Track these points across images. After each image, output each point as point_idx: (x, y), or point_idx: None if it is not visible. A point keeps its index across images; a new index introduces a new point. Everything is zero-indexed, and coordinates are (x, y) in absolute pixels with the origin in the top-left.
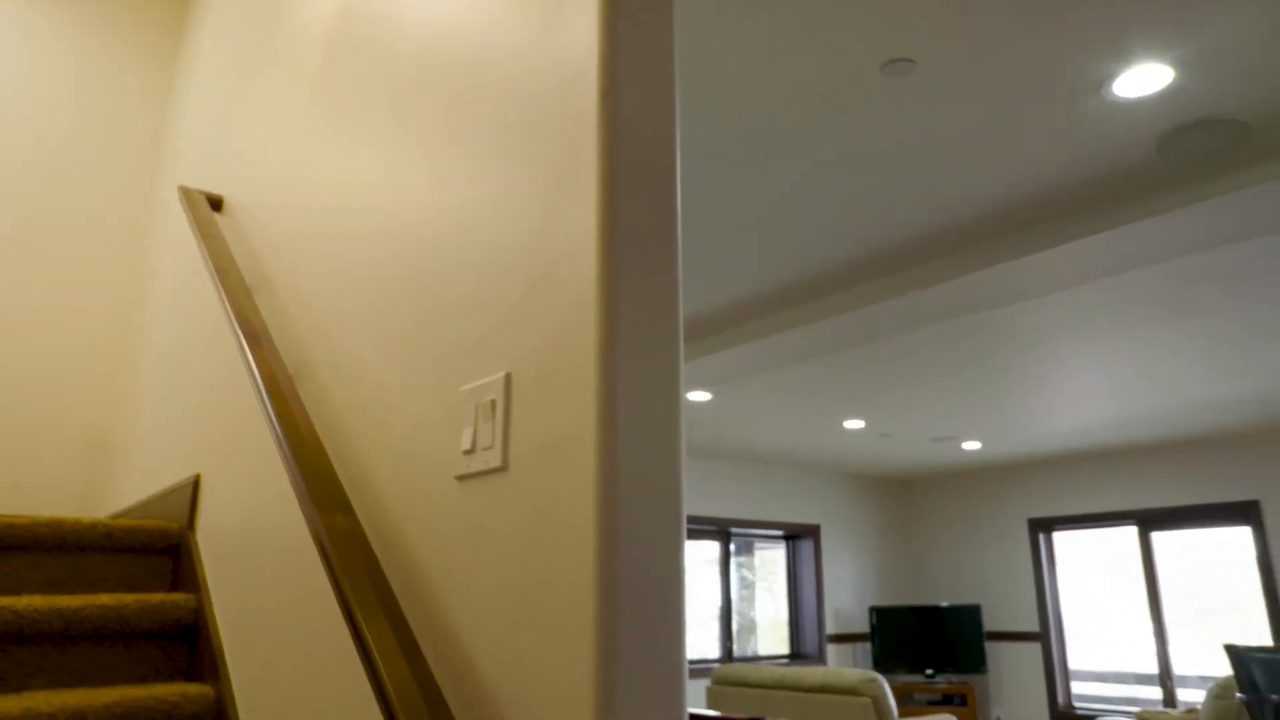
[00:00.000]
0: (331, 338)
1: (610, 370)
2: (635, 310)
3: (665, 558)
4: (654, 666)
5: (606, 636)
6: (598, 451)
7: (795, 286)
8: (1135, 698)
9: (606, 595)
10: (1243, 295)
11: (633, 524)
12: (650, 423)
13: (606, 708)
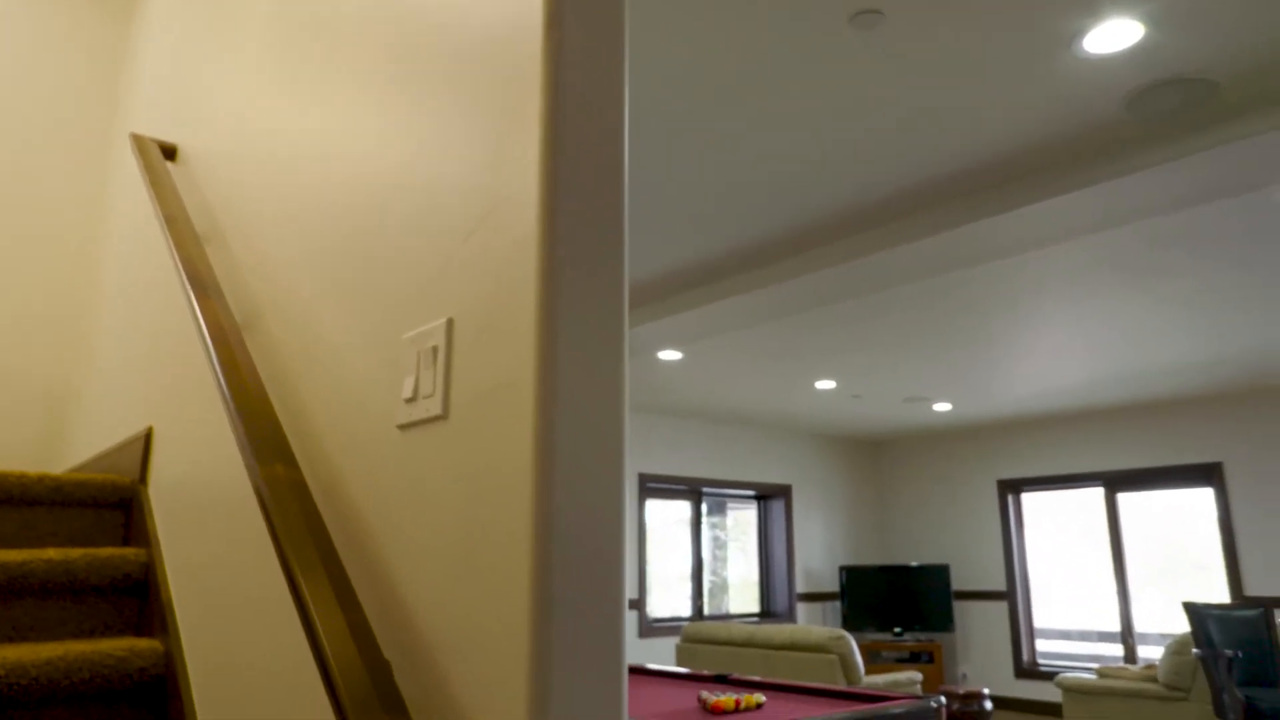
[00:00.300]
0: (280, 287)
1: (550, 315)
2: (578, 254)
3: (604, 508)
4: (591, 617)
5: (541, 587)
6: (536, 399)
7: (765, 245)
8: (1098, 654)
9: (542, 545)
10: (1209, 258)
11: (571, 473)
12: (592, 370)
13: (541, 658)
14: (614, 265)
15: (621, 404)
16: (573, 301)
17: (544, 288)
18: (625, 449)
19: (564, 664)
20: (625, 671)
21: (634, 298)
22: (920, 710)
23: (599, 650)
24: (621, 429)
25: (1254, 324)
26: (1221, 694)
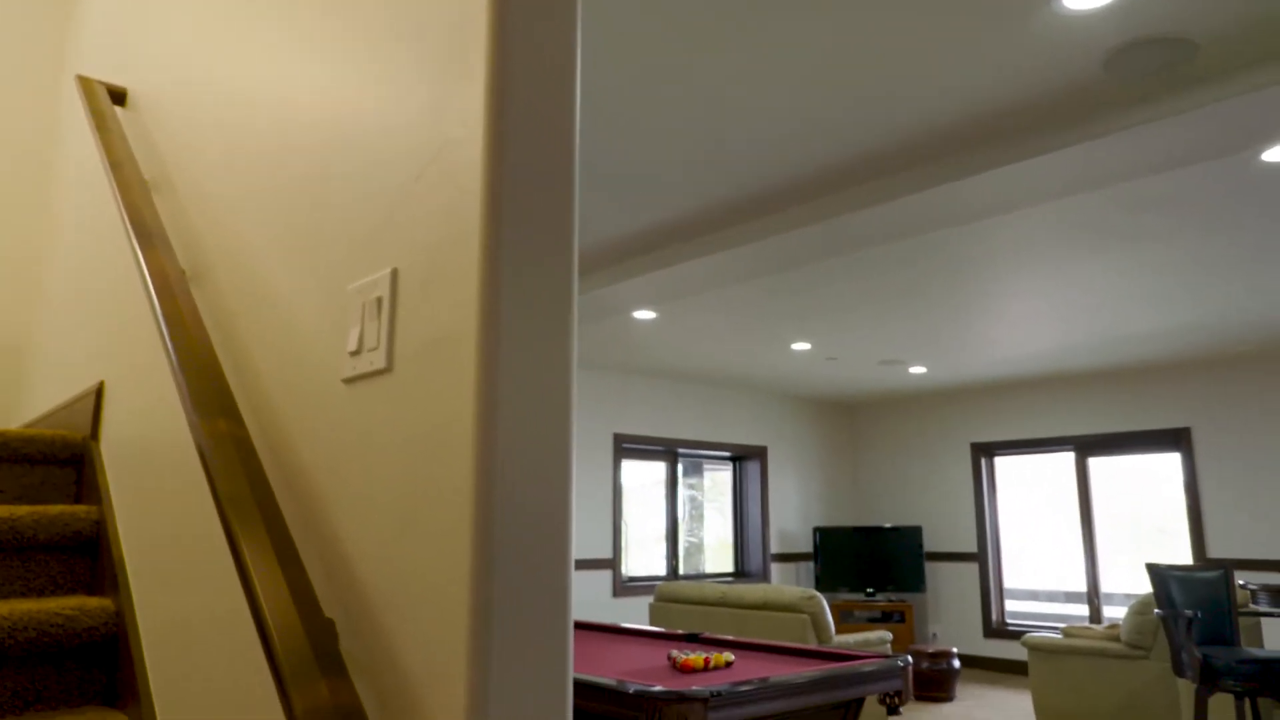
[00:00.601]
0: (229, 237)
1: (493, 266)
2: (524, 203)
3: (550, 464)
4: (536, 574)
5: (482, 544)
6: (478, 353)
7: (739, 204)
8: (1064, 614)
9: (483, 502)
10: (1184, 224)
11: (515, 429)
12: (538, 323)
13: (482, 616)
14: (563, 216)
15: (569, 359)
16: (518, 252)
17: (487, 237)
18: (573, 404)
19: (506, 622)
20: (570, 629)
21: (607, 255)
22: (887, 669)
23: (543, 607)
24: (569, 384)
25: (1226, 291)
26: (1180, 652)
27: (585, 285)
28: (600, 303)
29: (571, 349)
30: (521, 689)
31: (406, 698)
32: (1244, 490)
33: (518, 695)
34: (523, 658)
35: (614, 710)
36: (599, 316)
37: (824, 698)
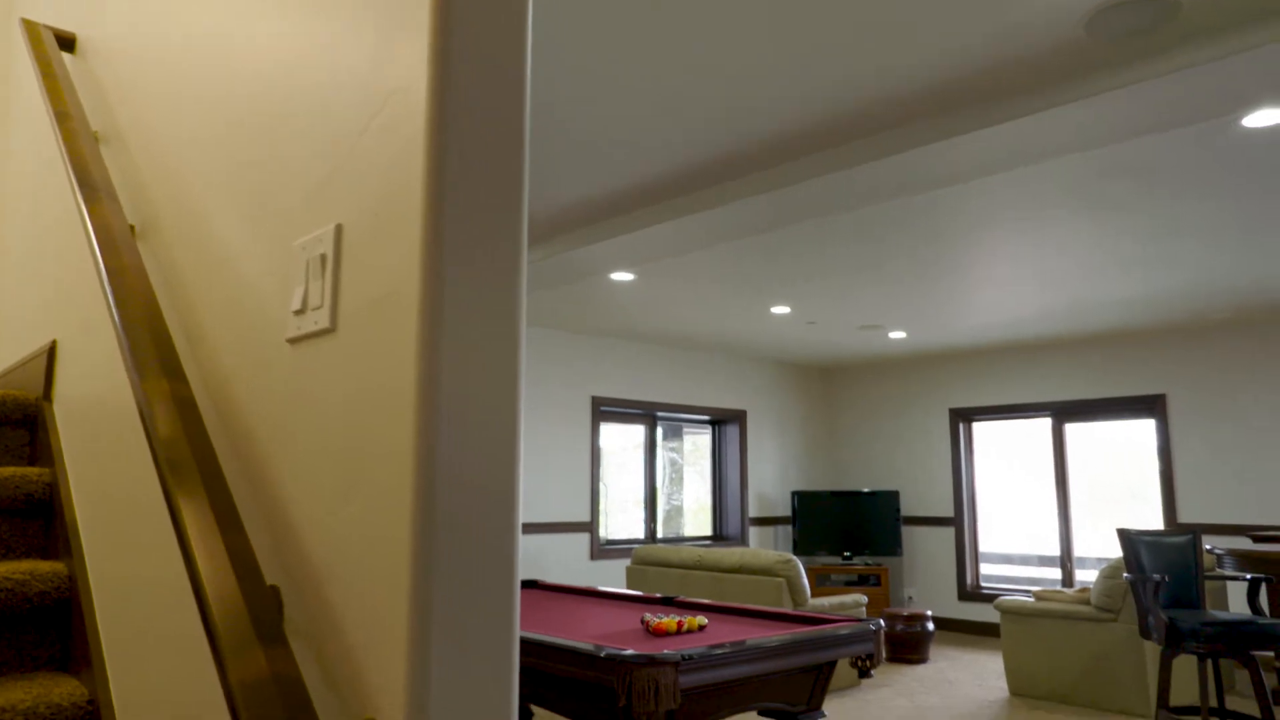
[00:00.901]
0: (178, 191)
1: (437, 220)
2: (471, 156)
3: (495, 425)
4: (480, 539)
5: (423, 511)
6: (420, 310)
7: (713, 164)
8: (1038, 578)
9: (424, 466)
10: (1163, 190)
11: (459, 390)
12: (484, 281)
13: (422, 585)
14: (512, 171)
15: (517, 318)
16: (463, 207)
17: (430, 192)
18: (521, 364)
19: (448, 589)
20: (515, 594)
21: (581, 216)
22: (859, 633)
23: (487, 573)
24: (516, 344)
25: (1204, 257)
26: (1147, 616)
27: (560, 246)
28: (576, 264)
29: (519, 308)
30: (464, 658)
31: (349, 667)
32: (1215, 456)
33: (460, 664)
34: (465, 626)
35: (586, 674)
36: (575, 278)
37: (795, 661)
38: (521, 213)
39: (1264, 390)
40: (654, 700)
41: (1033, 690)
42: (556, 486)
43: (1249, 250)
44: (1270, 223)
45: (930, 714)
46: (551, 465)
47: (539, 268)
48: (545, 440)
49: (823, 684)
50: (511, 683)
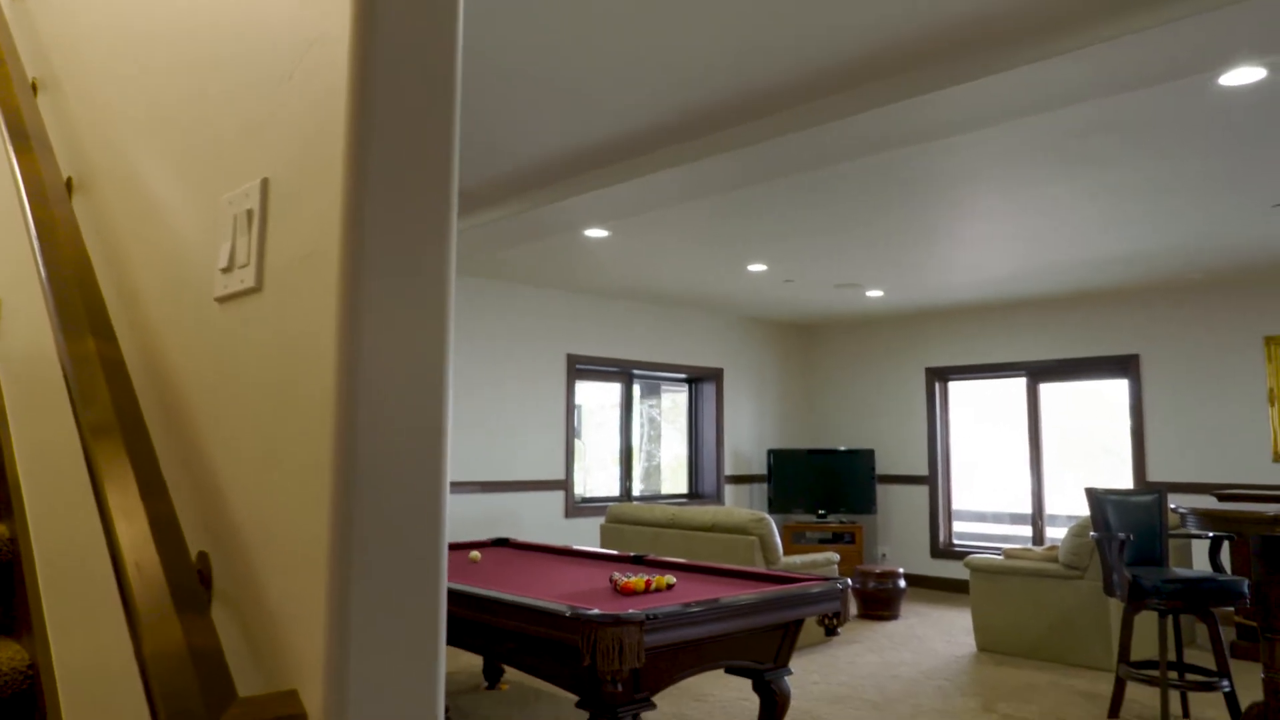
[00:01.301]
0: (112, 142)
1: (359, 173)
2: (397, 102)
3: (423, 387)
4: (404, 502)
5: (343, 477)
6: (340, 268)
7: (691, 119)
8: (1010, 535)
9: (344, 432)
10: (1138, 148)
11: (382, 354)
12: (410, 236)
13: (340, 548)
14: (441, 123)
15: (445, 278)
16: (387, 162)
17: (352, 143)
18: (449, 326)
19: (368, 553)
20: (442, 562)
21: (553, 171)
22: (825, 592)
23: (411, 540)
24: (445, 303)
25: (1181, 217)
26: (1112, 573)
27: (531, 202)
28: (549, 220)
29: (448, 265)
30: (387, 629)
31: (274, 636)
32: (1185, 416)
33: (383, 635)
34: (388, 594)
35: (553, 633)
36: (548, 234)
37: (761, 620)
38: (451, 169)
39: (1234, 352)
40: (618, 659)
41: (1000, 646)
42: (531, 444)
43: (1224, 211)
44: (1245, 183)
45: (899, 669)
46: (526, 423)
47: (511, 223)
48: (520, 398)
49: (790, 642)
50: (437, 654)
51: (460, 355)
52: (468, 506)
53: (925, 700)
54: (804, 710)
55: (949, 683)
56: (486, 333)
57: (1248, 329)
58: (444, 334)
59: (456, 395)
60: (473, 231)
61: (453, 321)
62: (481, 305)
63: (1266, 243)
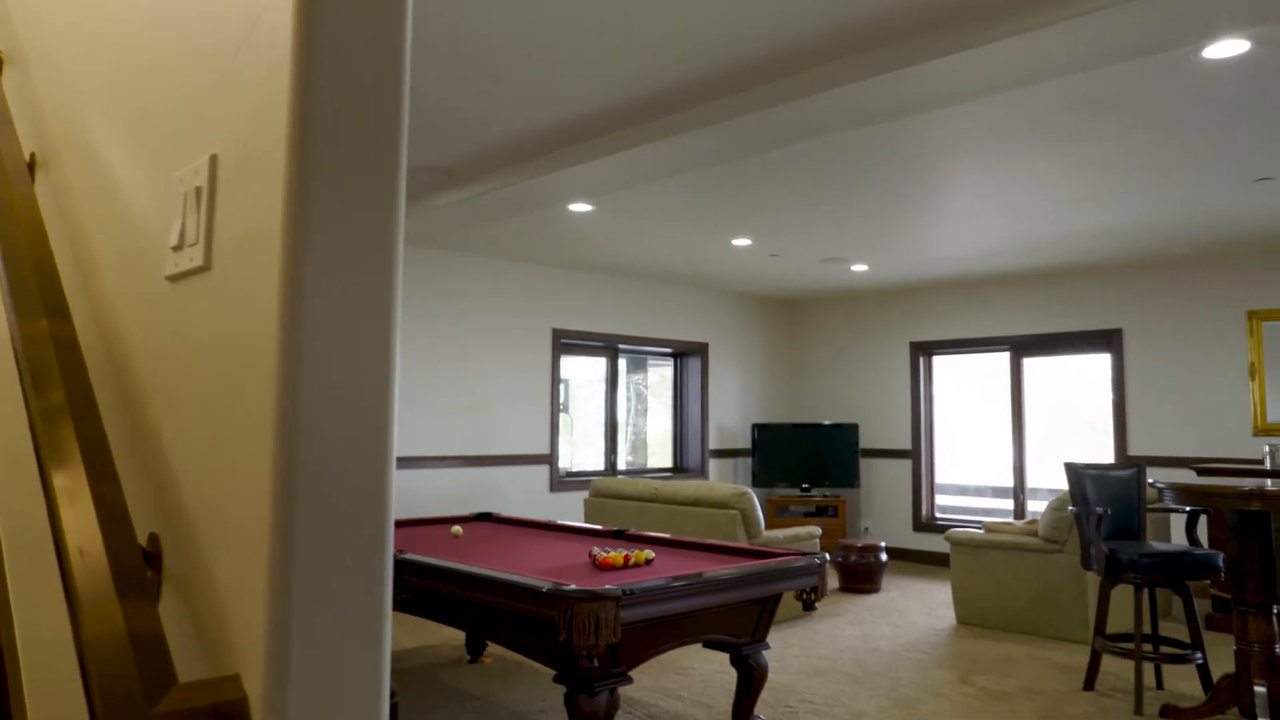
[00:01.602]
0: (73, 117)
1: (302, 151)
2: (343, 79)
3: (368, 368)
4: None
5: (285, 462)
6: (283, 246)
7: (668, 92)
8: (992, 509)
9: (286, 415)
10: (1121, 122)
11: (327, 334)
12: (357, 215)
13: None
14: (389, 94)
15: (393, 255)
16: (332, 138)
17: (295, 120)
18: (396, 308)
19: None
20: (387, 548)
21: (535, 146)
22: (803, 567)
23: (355, 525)
24: (392, 284)
25: (1163, 192)
26: (1089, 547)
27: (514, 176)
28: (530, 194)
29: (396, 244)
30: (330, 614)
31: (220, 621)
32: (1166, 391)
33: (325, 614)
34: (330, 575)
35: (531, 609)
36: (530, 209)
37: (738, 595)
38: (399, 145)
39: (1217, 326)
40: (594, 634)
41: (979, 619)
42: (516, 418)
43: (1207, 185)
44: (1228, 157)
45: (878, 642)
46: (511, 397)
47: (492, 198)
48: (505, 372)
49: (767, 617)
50: (381, 640)
51: (446, 330)
52: (452, 480)
53: (903, 673)
54: (783, 683)
55: (928, 656)
56: (472, 308)
57: (1230, 303)
58: (391, 315)
59: (442, 369)
60: (455, 207)
61: (400, 302)
62: (467, 280)
63: (1250, 217)
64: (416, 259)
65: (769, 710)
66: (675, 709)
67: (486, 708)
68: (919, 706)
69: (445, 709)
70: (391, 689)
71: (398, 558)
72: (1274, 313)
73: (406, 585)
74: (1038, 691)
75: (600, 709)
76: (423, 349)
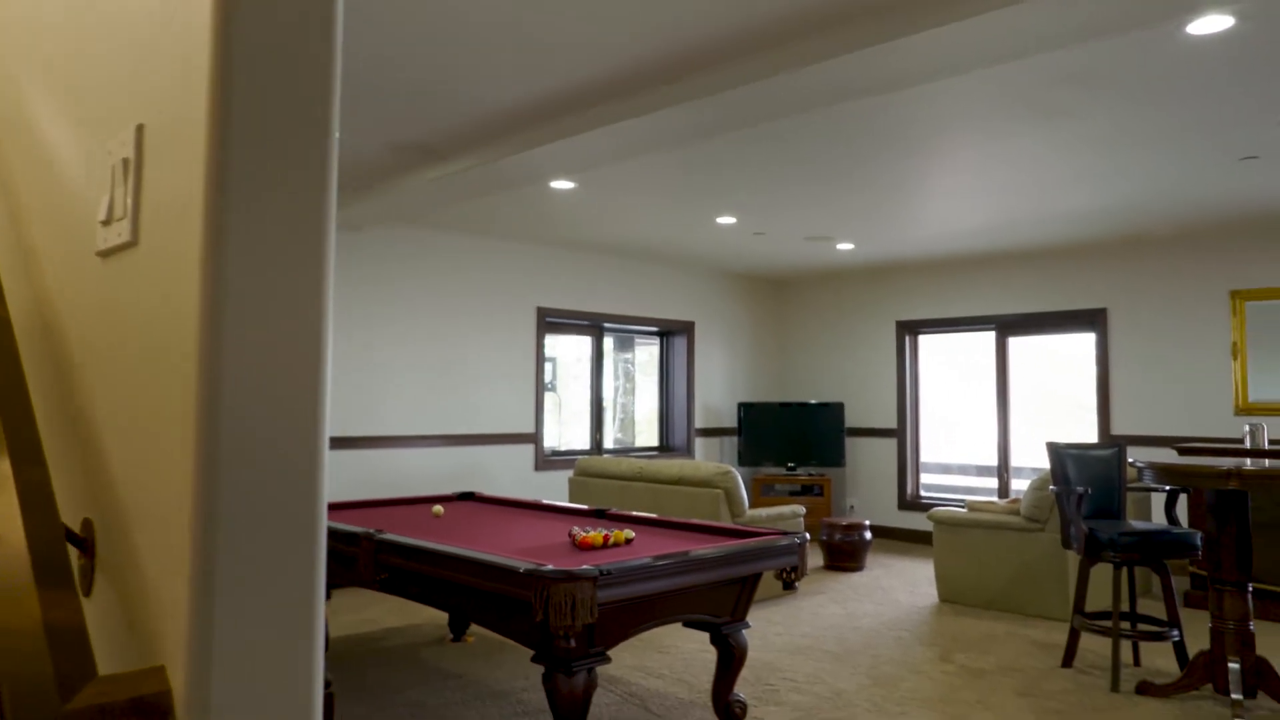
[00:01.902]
0: (14, 87)
1: (223, 120)
2: (265, 45)
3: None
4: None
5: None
6: (204, 220)
7: (649, 67)
8: (976, 487)
9: (208, 396)
10: (1106, 99)
11: (252, 312)
12: (283, 181)
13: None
14: (318, 55)
15: (324, 226)
16: (256, 100)
17: (216, 87)
18: (328, 282)
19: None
20: (320, 531)
21: (515, 122)
22: (782, 547)
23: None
24: (323, 254)
25: (1149, 171)
26: (1069, 526)
27: (494, 153)
28: (511, 171)
29: (326, 214)
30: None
31: (148, 607)
32: (1149, 370)
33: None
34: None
35: (507, 589)
36: (512, 185)
37: (717, 575)
38: (330, 114)
39: (1201, 305)
40: (571, 615)
41: (961, 597)
42: (501, 397)
43: (1192, 164)
44: (1213, 135)
45: (861, 620)
46: (496, 376)
47: (473, 175)
48: (489, 351)
49: (747, 596)
50: (313, 630)
51: (429, 308)
52: (436, 460)
53: (884, 651)
54: (764, 662)
55: (909, 633)
56: (455, 286)
57: (1214, 283)
58: (322, 290)
59: (425, 348)
60: (435, 184)
61: (332, 279)
62: (449, 258)
63: (1234, 196)
64: (397, 237)
65: (750, 689)
66: (656, 687)
67: (468, 686)
68: (899, 684)
69: (427, 687)
70: (326, 679)
71: (375, 537)
72: (1257, 292)
73: (384, 565)
74: (1016, 669)
75: (579, 688)
76: (406, 328)
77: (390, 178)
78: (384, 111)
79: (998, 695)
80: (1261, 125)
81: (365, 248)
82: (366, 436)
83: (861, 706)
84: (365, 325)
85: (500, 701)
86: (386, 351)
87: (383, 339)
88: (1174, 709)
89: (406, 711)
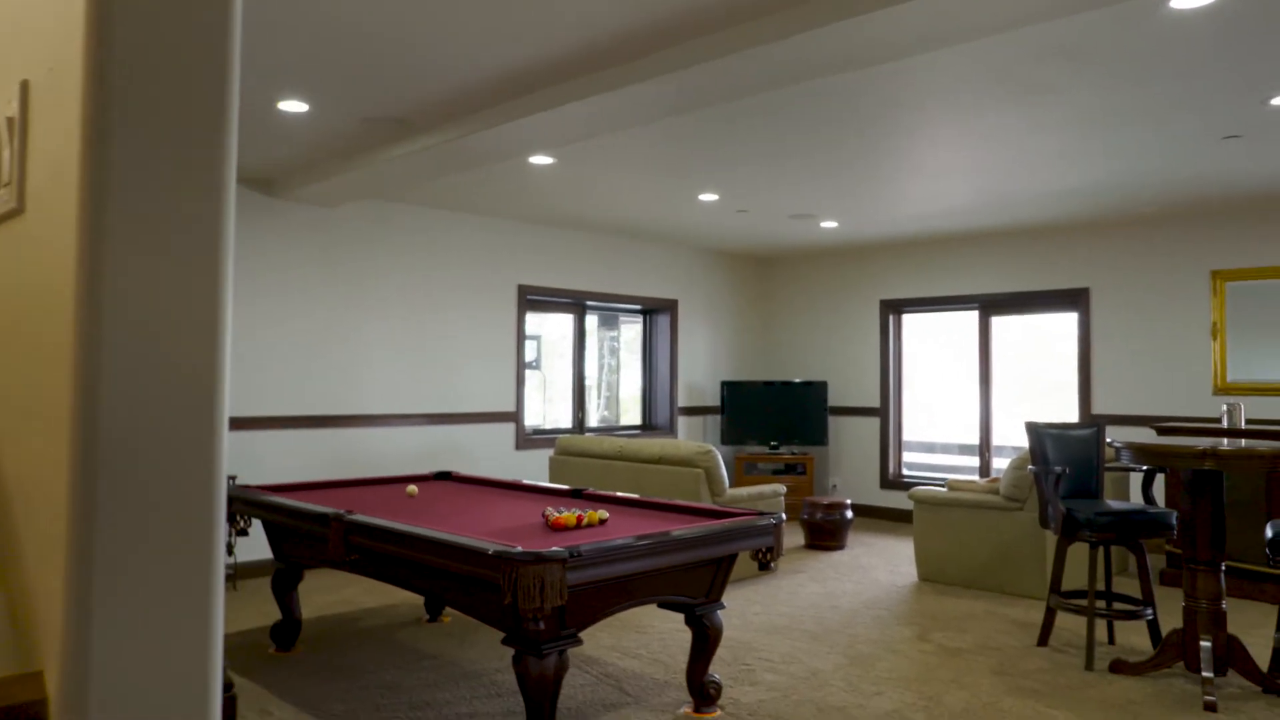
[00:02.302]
0: None
1: (100, 75)
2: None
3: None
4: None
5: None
6: (81, 186)
7: (624, 39)
8: (958, 466)
9: (85, 377)
10: (1087, 76)
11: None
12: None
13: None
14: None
15: (221, 192)
16: (139, 54)
17: (95, 27)
18: (226, 246)
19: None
20: (217, 525)
21: (491, 94)
22: (757, 527)
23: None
24: (220, 223)
25: (1132, 149)
26: (1047, 505)
27: (468, 128)
28: (487, 145)
29: (223, 179)
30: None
31: (31, 608)
32: (1130, 350)
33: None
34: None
35: (476, 570)
36: (489, 161)
37: (691, 556)
38: (228, 67)
39: (1182, 285)
40: (540, 597)
41: (940, 576)
42: (481, 376)
43: (1175, 142)
44: (1196, 113)
45: (840, 600)
46: (476, 354)
47: (449, 149)
48: (469, 329)
49: (722, 577)
50: (208, 632)
51: (407, 285)
52: (415, 439)
53: (862, 630)
54: (741, 641)
55: (888, 612)
56: (434, 263)
57: (1195, 262)
58: (219, 261)
59: (403, 326)
60: (409, 158)
61: (231, 249)
62: (427, 235)
63: (1216, 175)
64: (373, 214)
65: (725, 669)
66: (632, 667)
67: (443, 667)
68: (875, 663)
69: (402, 668)
70: (227, 681)
71: (345, 518)
72: (1237, 272)
73: (354, 546)
74: (993, 647)
75: (549, 671)
76: (385, 306)
77: (364, 152)
78: (355, 84)
79: (972, 674)
80: (1244, 104)
81: (341, 225)
82: (344, 415)
83: (837, 686)
84: (343, 304)
85: (473, 682)
86: (365, 330)
87: (360, 317)
88: (1146, 687)
89: (379, 692)
